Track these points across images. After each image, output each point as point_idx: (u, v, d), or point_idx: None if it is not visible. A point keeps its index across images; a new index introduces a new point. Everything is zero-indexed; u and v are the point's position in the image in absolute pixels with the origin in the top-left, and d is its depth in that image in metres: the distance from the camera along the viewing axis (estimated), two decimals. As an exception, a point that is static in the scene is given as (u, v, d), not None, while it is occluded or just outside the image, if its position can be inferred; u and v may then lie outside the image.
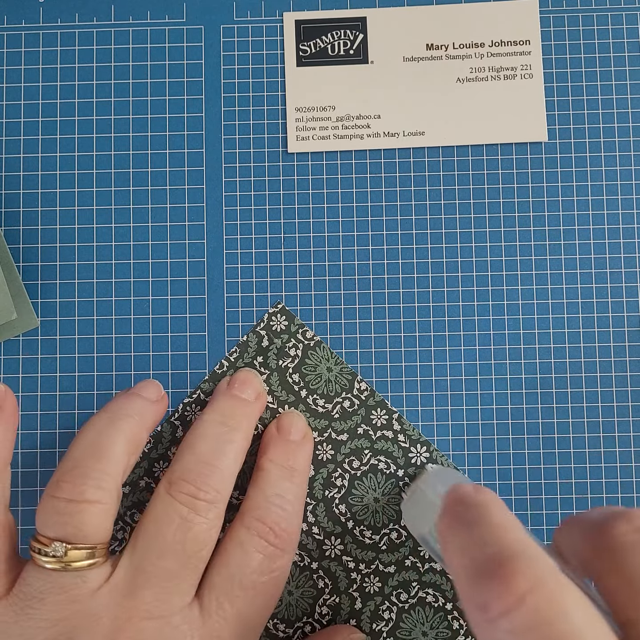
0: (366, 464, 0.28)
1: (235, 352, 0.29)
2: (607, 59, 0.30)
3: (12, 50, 0.30)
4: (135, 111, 0.30)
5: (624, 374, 0.29)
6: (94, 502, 0.21)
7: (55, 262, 0.29)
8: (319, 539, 0.28)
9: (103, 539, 0.22)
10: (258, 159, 0.30)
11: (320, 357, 0.28)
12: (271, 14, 0.30)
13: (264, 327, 0.28)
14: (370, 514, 0.28)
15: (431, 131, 0.30)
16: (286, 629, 0.27)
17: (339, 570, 0.28)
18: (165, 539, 0.22)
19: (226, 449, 0.24)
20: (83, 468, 0.22)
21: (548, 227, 0.30)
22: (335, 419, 0.28)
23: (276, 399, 0.28)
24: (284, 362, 0.28)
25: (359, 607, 0.27)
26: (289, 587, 0.27)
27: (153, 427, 0.26)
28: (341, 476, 0.28)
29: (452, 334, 0.29)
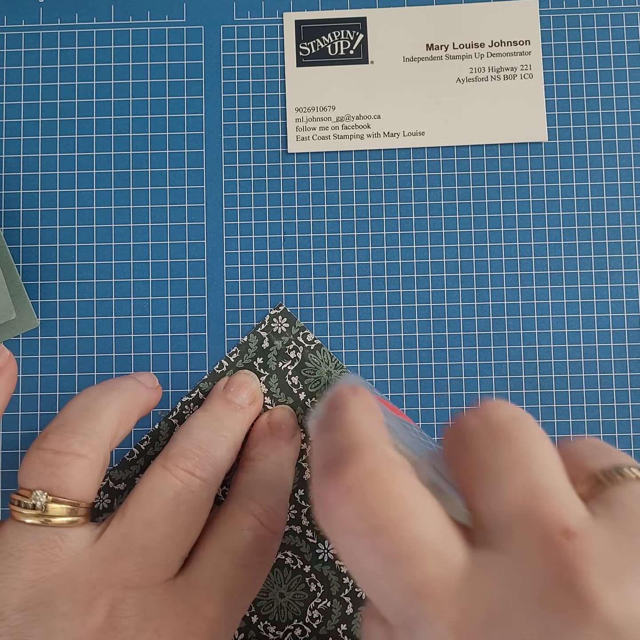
0: None
1: (235, 352, 0.29)
2: (607, 59, 0.30)
3: (12, 50, 0.30)
4: (135, 111, 0.30)
5: (624, 374, 0.29)
6: (81, 455, 0.21)
7: (55, 262, 0.29)
8: (313, 543, 0.28)
9: (86, 497, 0.21)
10: (258, 159, 0.30)
11: (320, 361, 0.28)
12: (271, 14, 0.30)
13: (265, 328, 0.28)
14: None
15: (431, 131, 0.30)
16: (276, 631, 0.27)
17: (332, 575, 0.28)
18: (155, 510, 0.21)
19: (220, 440, 0.24)
20: (72, 425, 0.22)
21: (548, 227, 0.30)
22: None
23: (274, 401, 0.28)
24: (284, 364, 0.28)
25: (350, 611, 0.27)
26: (281, 589, 0.27)
27: (145, 410, 0.26)
28: None
29: (452, 334, 0.29)
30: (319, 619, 0.27)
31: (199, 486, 0.22)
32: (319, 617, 0.27)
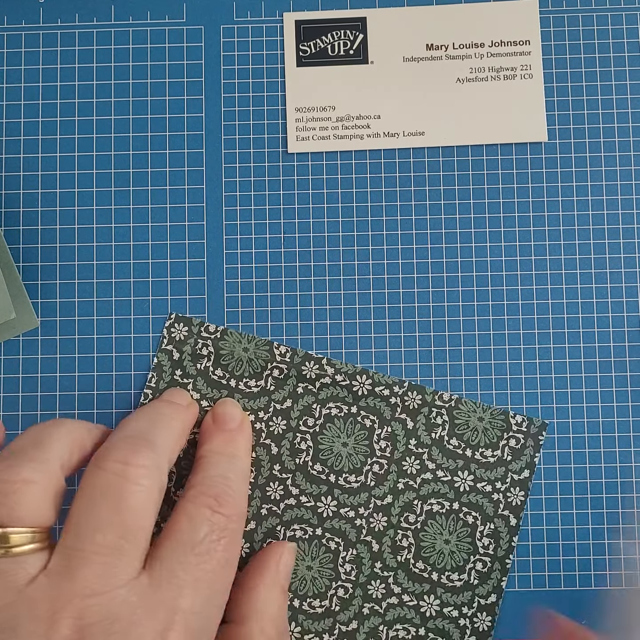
0: (319, 417, 0.28)
1: (153, 377, 0.28)
2: (607, 59, 0.30)
3: (12, 50, 0.30)
4: (135, 111, 0.30)
5: (624, 374, 0.29)
6: (30, 481, 0.21)
7: (55, 262, 0.29)
8: (311, 505, 0.28)
9: (42, 522, 0.21)
10: (258, 159, 0.30)
11: (232, 343, 0.28)
12: (271, 14, 0.30)
13: (168, 341, 0.28)
14: (345, 459, 0.28)
15: (431, 131, 0.30)
16: (321, 602, 0.27)
17: (343, 524, 0.28)
18: (99, 513, 0.21)
19: (158, 426, 0.24)
20: (20, 453, 0.22)
21: (548, 227, 0.30)
22: (272, 391, 0.28)
23: (211, 400, 0.28)
24: (202, 363, 0.28)
25: (377, 548, 0.27)
26: (305, 562, 0.28)
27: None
28: (302, 439, 0.28)
29: (452, 334, 0.29)
30: (353, 570, 0.27)
31: (137, 474, 0.21)
32: (351, 568, 0.28)
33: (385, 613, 0.27)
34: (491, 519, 0.27)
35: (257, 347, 0.28)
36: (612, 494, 0.28)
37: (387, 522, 0.28)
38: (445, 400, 0.28)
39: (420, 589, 0.27)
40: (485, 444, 0.28)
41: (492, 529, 0.27)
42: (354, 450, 0.28)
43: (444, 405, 0.28)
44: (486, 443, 0.28)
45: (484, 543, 0.28)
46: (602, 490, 0.28)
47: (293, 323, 0.29)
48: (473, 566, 0.27)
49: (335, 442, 0.28)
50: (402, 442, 0.28)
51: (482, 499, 0.28)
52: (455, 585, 0.27)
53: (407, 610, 0.27)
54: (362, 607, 0.27)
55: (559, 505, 0.28)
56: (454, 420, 0.28)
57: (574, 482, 0.29)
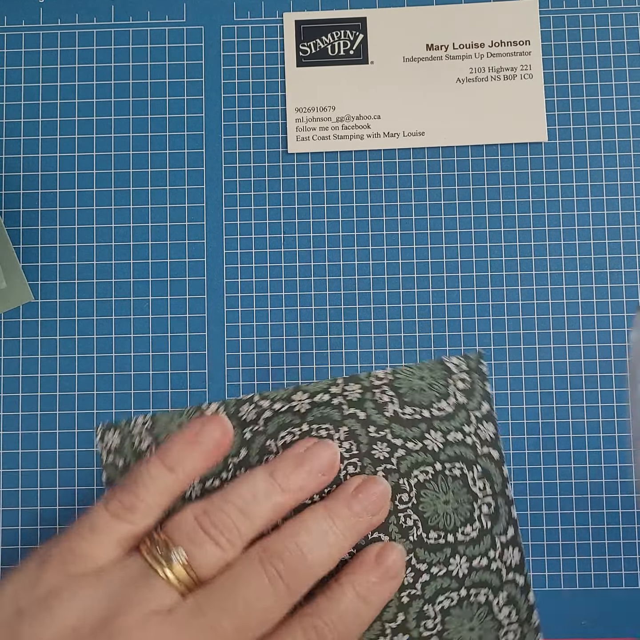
0: (277, 449, 0.27)
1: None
2: (607, 59, 0.30)
3: (12, 50, 0.30)
4: (135, 111, 0.30)
5: (624, 374, 0.29)
6: (226, 549, 0.22)
7: (55, 262, 0.29)
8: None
9: (202, 577, 0.22)
10: (258, 159, 0.30)
11: (166, 424, 0.27)
12: (271, 14, 0.30)
13: (107, 453, 0.27)
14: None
15: (431, 131, 0.30)
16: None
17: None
18: (237, 602, 0.21)
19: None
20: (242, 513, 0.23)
21: (548, 227, 0.30)
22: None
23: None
24: (141, 446, 0.27)
25: (386, 538, 0.26)
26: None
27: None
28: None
29: (452, 334, 0.29)
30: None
31: (286, 596, 0.22)
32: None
33: (424, 592, 0.27)
34: (475, 462, 0.27)
35: (188, 417, 0.27)
36: (612, 494, 0.28)
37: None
38: (381, 377, 0.28)
39: (443, 556, 0.27)
40: (437, 398, 0.28)
41: (481, 471, 0.27)
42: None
43: (383, 381, 0.28)
44: (437, 397, 0.28)
45: (480, 486, 0.27)
46: (602, 490, 0.28)
47: (293, 323, 0.29)
48: (480, 512, 0.27)
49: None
50: (363, 434, 0.28)
51: (459, 447, 0.27)
52: (473, 537, 0.27)
53: (441, 581, 0.27)
54: (400, 598, 0.27)
55: (559, 505, 0.28)
56: (398, 391, 0.28)
57: (574, 482, 0.29)
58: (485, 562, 0.27)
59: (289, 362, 0.29)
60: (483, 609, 0.27)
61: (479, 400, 0.28)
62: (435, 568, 0.27)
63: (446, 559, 0.27)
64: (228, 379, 0.29)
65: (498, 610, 0.27)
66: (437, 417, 0.27)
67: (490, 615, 0.27)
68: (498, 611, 0.27)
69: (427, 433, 0.27)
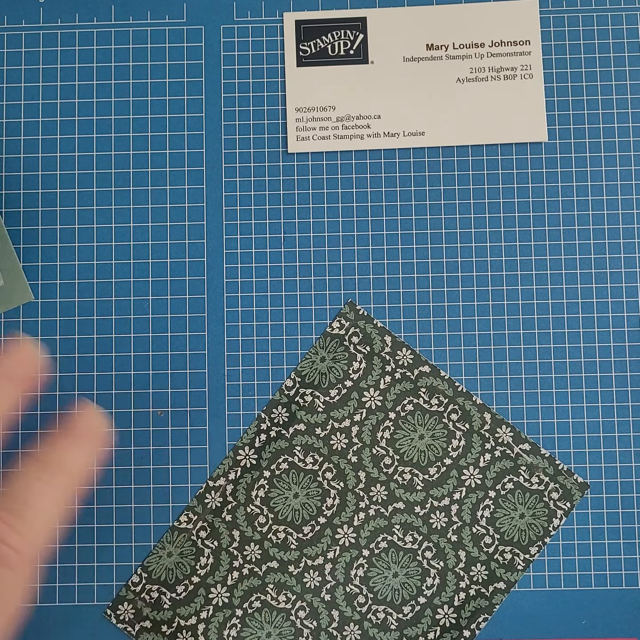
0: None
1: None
2: (607, 59, 0.30)
3: (12, 50, 0.30)
4: (135, 111, 0.30)
5: (624, 374, 0.29)
6: None
7: (55, 262, 0.29)
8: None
9: None
10: (258, 159, 0.30)
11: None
12: (271, 14, 0.30)
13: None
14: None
15: (431, 131, 0.30)
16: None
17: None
18: None
19: None
20: None
21: (548, 227, 0.30)
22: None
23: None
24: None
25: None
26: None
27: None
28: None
29: (452, 334, 0.29)
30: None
31: None
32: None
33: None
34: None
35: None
36: (612, 494, 0.28)
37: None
38: (290, 385, 0.29)
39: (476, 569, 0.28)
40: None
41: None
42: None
43: (295, 386, 0.29)
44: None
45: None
46: (602, 490, 0.28)
47: (293, 323, 0.29)
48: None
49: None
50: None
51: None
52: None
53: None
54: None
55: (559, 505, 0.28)
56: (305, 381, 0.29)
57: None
58: None
59: (288, 362, 0.29)
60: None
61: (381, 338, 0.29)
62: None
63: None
64: (228, 379, 0.29)
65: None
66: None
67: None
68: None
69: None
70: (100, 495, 0.29)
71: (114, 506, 0.29)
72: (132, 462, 0.29)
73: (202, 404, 0.29)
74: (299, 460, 0.28)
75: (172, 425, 0.29)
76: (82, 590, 0.28)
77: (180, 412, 0.29)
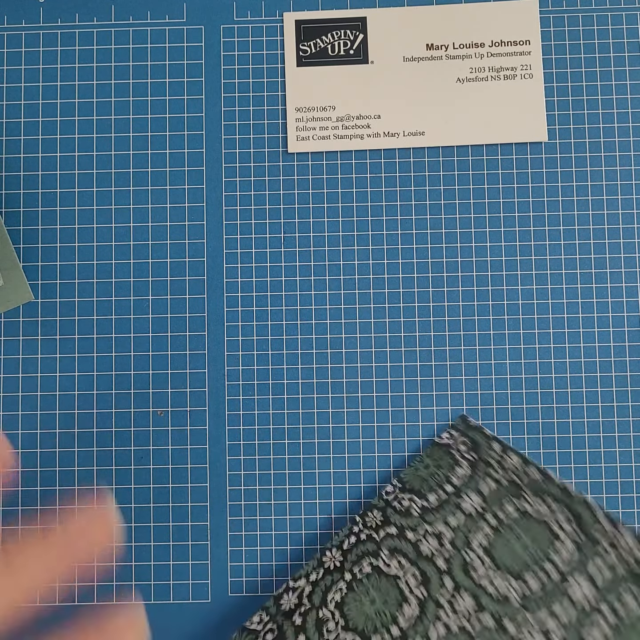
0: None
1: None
2: (607, 59, 0.30)
3: (12, 50, 0.30)
4: (135, 111, 0.30)
5: (624, 374, 0.29)
6: None
7: (55, 262, 0.29)
8: None
9: None
10: (258, 159, 0.30)
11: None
12: (271, 14, 0.30)
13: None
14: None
15: (431, 131, 0.30)
16: None
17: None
18: None
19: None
20: None
21: (548, 227, 0.30)
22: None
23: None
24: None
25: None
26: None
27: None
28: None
29: (452, 334, 0.29)
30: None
31: None
32: None
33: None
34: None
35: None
36: (612, 494, 0.28)
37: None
38: (390, 491, 0.28)
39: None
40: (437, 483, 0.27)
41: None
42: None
43: (395, 492, 0.28)
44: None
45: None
46: (602, 490, 0.28)
47: (293, 323, 0.29)
48: None
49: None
50: (405, 543, 0.27)
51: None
52: None
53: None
54: None
55: (559, 505, 0.28)
56: (412, 489, 0.28)
57: (574, 482, 0.29)
58: None
59: (289, 362, 0.29)
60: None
61: (488, 443, 0.28)
62: None
63: None
64: (228, 379, 0.29)
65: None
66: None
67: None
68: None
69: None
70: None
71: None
72: (132, 462, 0.29)
73: (202, 404, 0.29)
74: (384, 564, 0.26)
75: (172, 425, 0.29)
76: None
77: (180, 412, 0.29)
